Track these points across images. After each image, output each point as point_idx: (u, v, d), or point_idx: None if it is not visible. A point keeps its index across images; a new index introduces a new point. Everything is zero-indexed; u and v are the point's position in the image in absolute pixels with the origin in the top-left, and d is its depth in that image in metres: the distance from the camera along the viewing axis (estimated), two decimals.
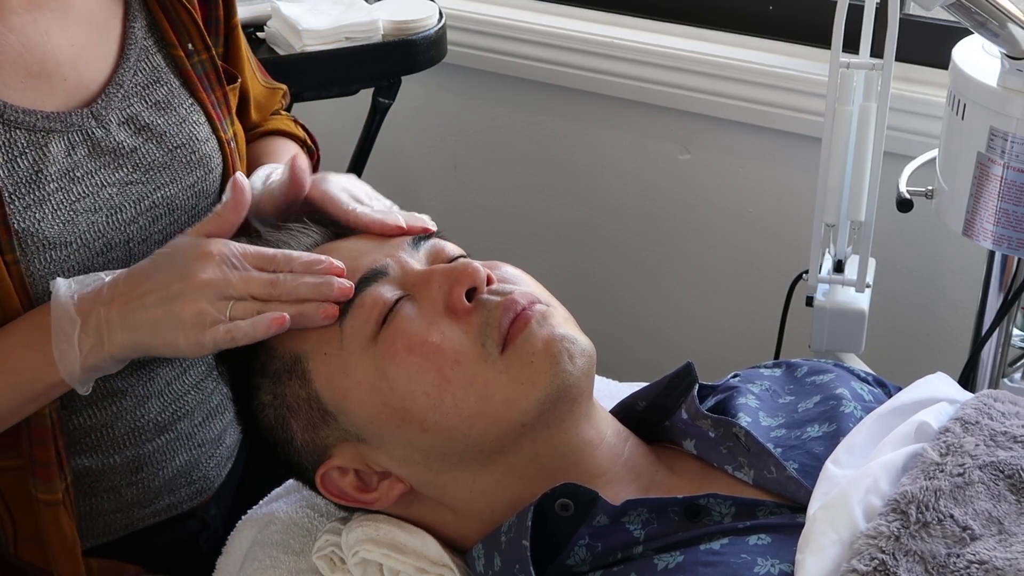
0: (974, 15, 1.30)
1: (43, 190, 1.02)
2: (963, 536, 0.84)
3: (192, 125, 1.13)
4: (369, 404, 0.94)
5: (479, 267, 0.95)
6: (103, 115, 1.07)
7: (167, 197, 1.11)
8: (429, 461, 0.95)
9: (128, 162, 1.08)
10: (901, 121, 1.76)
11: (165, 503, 1.20)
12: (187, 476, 1.21)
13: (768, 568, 0.85)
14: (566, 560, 0.92)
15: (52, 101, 1.05)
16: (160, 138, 1.10)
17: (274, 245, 1.03)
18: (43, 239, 1.02)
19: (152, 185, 1.10)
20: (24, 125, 1.02)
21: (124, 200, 1.08)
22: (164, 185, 1.11)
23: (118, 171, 1.07)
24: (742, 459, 0.97)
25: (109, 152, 1.07)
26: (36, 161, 1.02)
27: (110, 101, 1.08)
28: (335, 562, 1.00)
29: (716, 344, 2.16)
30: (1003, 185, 1.39)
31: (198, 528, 1.23)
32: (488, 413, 0.92)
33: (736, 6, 2.02)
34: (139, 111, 1.10)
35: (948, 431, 0.93)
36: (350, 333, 0.95)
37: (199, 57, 1.15)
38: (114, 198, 1.07)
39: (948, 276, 1.92)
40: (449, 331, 0.93)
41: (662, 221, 2.14)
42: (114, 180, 1.07)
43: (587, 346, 0.96)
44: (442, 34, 1.88)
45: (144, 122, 1.10)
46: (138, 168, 1.09)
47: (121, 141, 1.08)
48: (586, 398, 0.96)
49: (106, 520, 1.17)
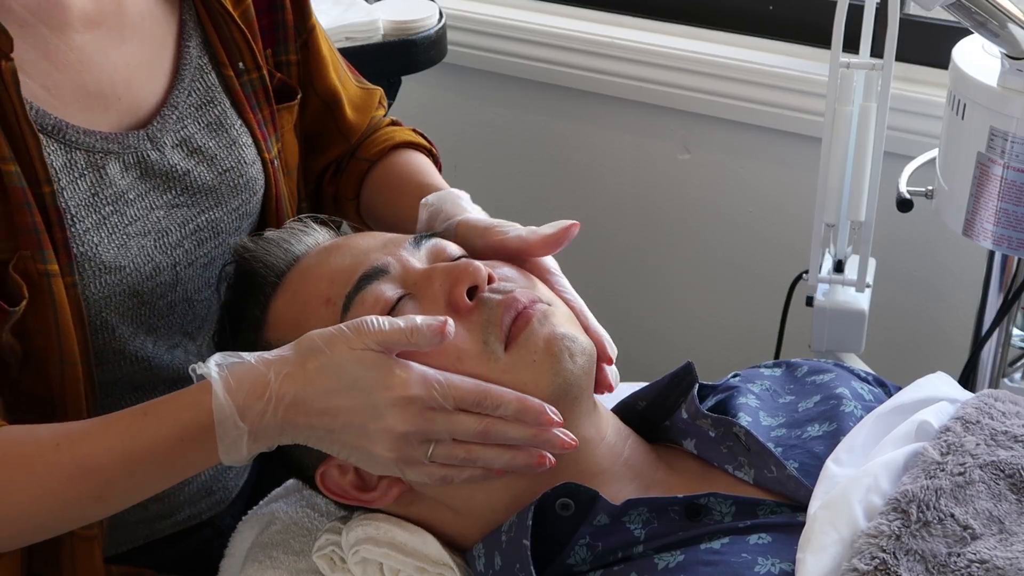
0: (974, 15, 1.30)
1: (100, 213, 1.00)
2: (964, 535, 0.84)
3: (241, 148, 1.11)
4: None
5: (480, 266, 0.95)
6: (158, 137, 1.05)
7: (212, 220, 1.09)
8: None
9: (178, 185, 1.06)
10: (901, 121, 1.75)
11: (186, 514, 1.20)
12: (208, 488, 1.21)
13: (769, 567, 0.85)
14: (567, 559, 0.92)
15: (106, 121, 1.03)
16: (211, 161, 1.09)
17: (277, 245, 1.03)
18: (100, 263, 1.00)
19: (197, 208, 1.08)
20: (83, 146, 1.00)
21: (170, 223, 1.06)
22: (209, 208, 1.09)
23: (166, 194, 1.06)
24: (742, 458, 0.97)
25: (161, 175, 1.05)
26: (94, 183, 1.00)
27: (165, 123, 1.06)
28: (335, 561, 1.00)
29: (716, 344, 2.16)
30: (1003, 185, 1.39)
31: (212, 536, 1.23)
32: None
33: (736, 6, 2.01)
34: (192, 133, 1.08)
35: (949, 430, 0.93)
36: None
37: (249, 76, 1.13)
38: (161, 221, 1.05)
39: (948, 276, 1.92)
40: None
41: (662, 221, 2.14)
42: (162, 203, 1.05)
43: (587, 345, 0.96)
44: (442, 34, 1.88)
45: (196, 144, 1.08)
46: (186, 191, 1.07)
47: (175, 164, 1.06)
48: (586, 397, 0.96)
49: (129, 531, 1.16)
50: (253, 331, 1.01)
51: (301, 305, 0.99)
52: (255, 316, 1.01)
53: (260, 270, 1.02)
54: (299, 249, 1.03)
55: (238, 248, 1.05)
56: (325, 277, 0.99)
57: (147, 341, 1.08)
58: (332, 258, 1.01)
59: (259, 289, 1.02)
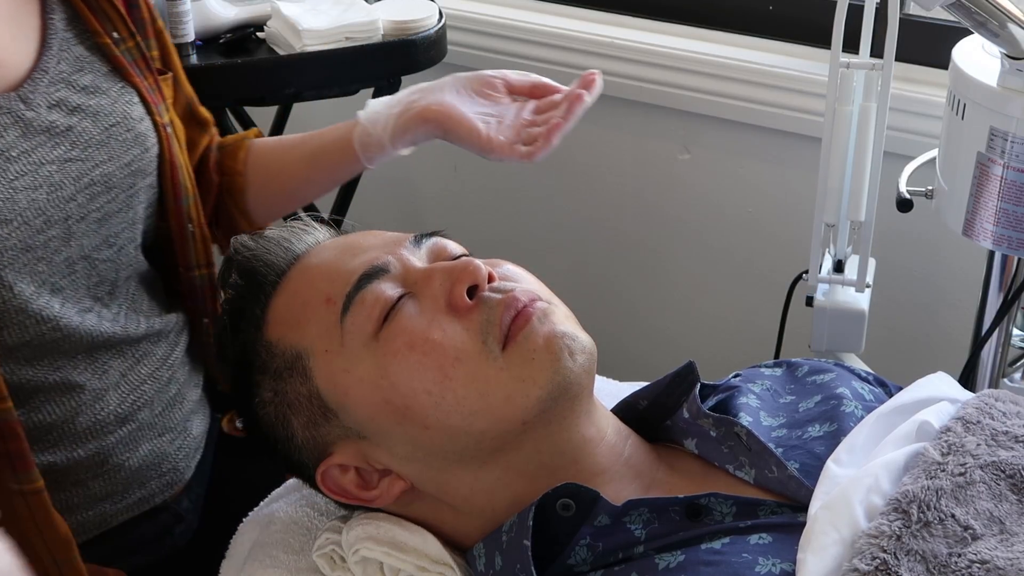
0: (974, 15, 1.30)
1: None
2: (964, 536, 0.84)
3: (125, 104, 1.16)
4: (370, 401, 0.94)
5: (480, 265, 0.95)
6: (31, 98, 1.09)
7: (105, 175, 1.13)
8: (430, 458, 0.95)
9: (65, 140, 1.10)
10: (901, 121, 1.76)
11: (136, 497, 1.21)
12: (156, 468, 1.22)
13: (769, 567, 0.85)
14: (567, 559, 0.92)
15: None
16: (95, 116, 1.13)
17: (277, 243, 1.04)
18: None
19: (91, 163, 1.12)
20: None
21: (64, 178, 1.10)
22: (102, 163, 1.13)
23: (56, 149, 1.09)
24: (743, 458, 0.97)
25: (43, 131, 1.09)
26: None
27: (36, 86, 1.10)
28: (335, 560, 1.00)
29: (716, 344, 2.16)
30: (1003, 185, 1.39)
31: (172, 522, 1.24)
32: (489, 410, 0.92)
33: (736, 6, 2.02)
34: (67, 95, 1.12)
35: (949, 430, 0.93)
36: (351, 330, 0.95)
37: (126, 45, 1.18)
38: (53, 175, 1.09)
39: (948, 276, 1.92)
40: (450, 328, 0.93)
41: (662, 221, 2.14)
42: (53, 158, 1.09)
43: (588, 343, 0.96)
44: (442, 34, 1.89)
45: (75, 104, 1.12)
46: (76, 146, 1.11)
47: (54, 120, 1.10)
48: (587, 395, 0.96)
49: (79, 519, 1.17)
50: (253, 329, 1.01)
51: (301, 304, 0.99)
52: (255, 314, 1.01)
53: (260, 269, 1.02)
54: (299, 248, 1.04)
55: (238, 246, 1.05)
56: (326, 276, 0.99)
57: (53, 301, 1.11)
58: (332, 257, 1.01)
59: (259, 288, 1.02)
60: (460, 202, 2.32)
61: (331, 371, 0.96)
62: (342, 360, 0.95)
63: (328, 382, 0.96)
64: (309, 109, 2.27)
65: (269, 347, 0.99)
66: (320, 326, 0.96)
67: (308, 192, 1.35)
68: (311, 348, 0.96)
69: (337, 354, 0.95)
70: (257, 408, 1.01)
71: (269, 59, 1.80)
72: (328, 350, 0.96)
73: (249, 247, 1.04)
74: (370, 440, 0.96)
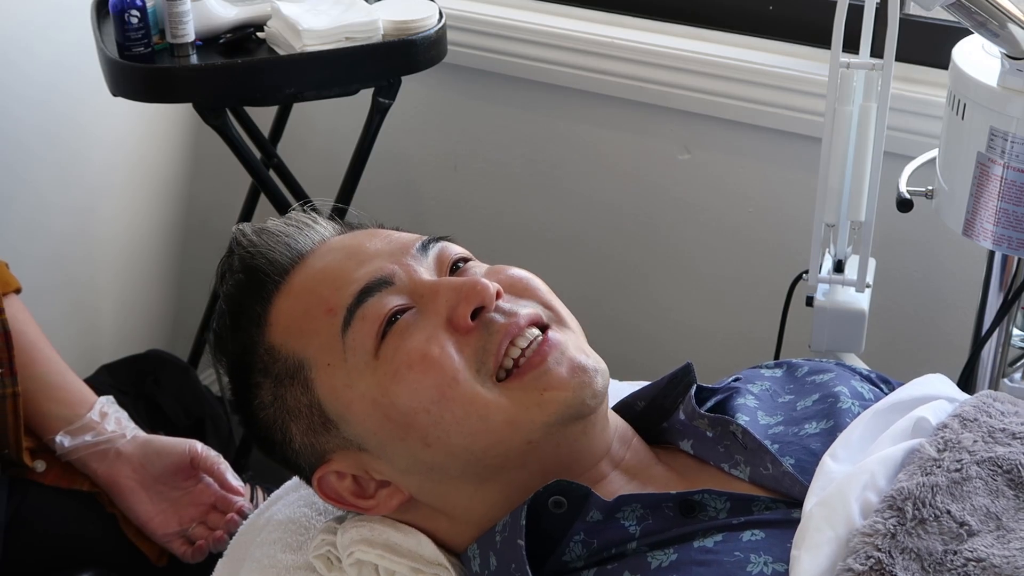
0: (974, 15, 1.29)
1: None
2: (960, 532, 0.84)
3: None
4: (372, 417, 0.93)
5: (488, 285, 0.93)
6: None
7: None
8: (432, 473, 0.95)
9: None
10: (901, 121, 1.75)
11: None
12: None
13: (761, 567, 0.85)
14: (562, 556, 0.92)
15: None
16: None
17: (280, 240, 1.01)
18: None
19: None
20: None
21: None
22: None
23: None
24: (739, 456, 0.97)
25: None
26: None
27: None
28: (332, 561, 1.00)
29: (716, 343, 2.16)
30: (1003, 185, 1.39)
31: None
32: (490, 432, 0.91)
33: (736, 6, 2.01)
34: None
35: (946, 427, 0.93)
36: (352, 345, 0.94)
37: None
38: None
39: (948, 276, 1.92)
40: (448, 346, 0.92)
41: (661, 221, 2.14)
42: None
43: (602, 368, 0.95)
44: (442, 34, 1.88)
45: None
46: None
47: None
48: (600, 415, 0.96)
49: None
50: (254, 328, 1.00)
51: (303, 313, 0.97)
52: (256, 312, 1.00)
53: (263, 266, 1.00)
54: (303, 246, 1.02)
55: (240, 238, 1.03)
56: (329, 283, 0.97)
57: None
58: (337, 262, 0.99)
59: (261, 286, 1.00)
60: (460, 203, 2.32)
61: (333, 385, 0.95)
62: (344, 375, 0.94)
63: (329, 395, 0.95)
64: (309, 109, 2.27)
65: (271, 351, 0.98)
66: (322, 338, 0.95)
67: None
68: (313, 360, 0.95)
69: (339, 368, 0.94)
70: (256, 409, 1.00)
71: (269, 59, 1.80)
72: (330, 364, 0.95)
73: (252, 242, 1.02)
74: (371, 452, 0.95)
